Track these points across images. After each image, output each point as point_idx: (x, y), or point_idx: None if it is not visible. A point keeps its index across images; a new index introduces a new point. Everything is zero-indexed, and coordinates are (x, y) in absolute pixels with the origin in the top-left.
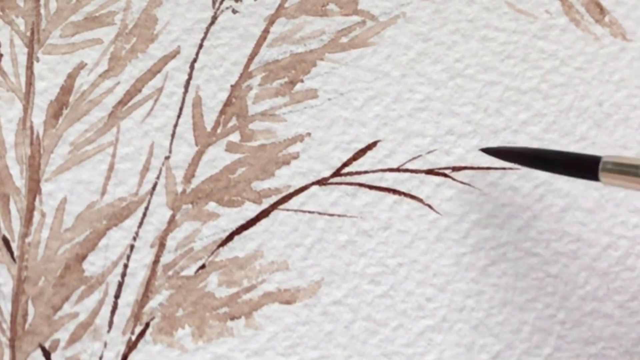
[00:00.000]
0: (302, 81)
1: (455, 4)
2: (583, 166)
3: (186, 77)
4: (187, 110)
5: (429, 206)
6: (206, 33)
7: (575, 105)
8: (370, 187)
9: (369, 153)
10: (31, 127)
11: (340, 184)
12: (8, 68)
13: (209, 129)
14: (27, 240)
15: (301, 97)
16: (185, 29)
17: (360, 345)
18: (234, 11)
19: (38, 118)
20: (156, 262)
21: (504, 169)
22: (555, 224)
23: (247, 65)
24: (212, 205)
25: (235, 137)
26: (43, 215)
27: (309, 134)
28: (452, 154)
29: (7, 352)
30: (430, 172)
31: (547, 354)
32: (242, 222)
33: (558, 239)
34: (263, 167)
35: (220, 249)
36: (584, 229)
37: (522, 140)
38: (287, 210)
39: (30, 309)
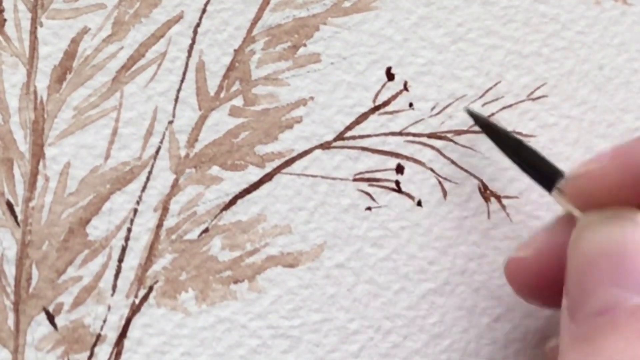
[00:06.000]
0: (305, 45)
1: None
2: (544, 174)
3: (189, 41)
4: (191, 74)
5: (431, 170)
6: None
7: (577, 69)
8: (373, 151)
9: (372, 117)
10: (35, 92)
11: (343, 147)
12: (12, 33)
13: (212, 93)
14: (31, 204)
15: (304, 61)
16: None
17: (362, 308)
18: None
19: (42, 83)
20: (159, 226)
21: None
22: None
23: (250, 30)
24: (215, 169)
25: (238, 102)
26: (47, 179)
27: (312, 98)
28: (455, 117)
29: (11, 316)
30: (432, 135)
31: (547, 316)
32: (245, 186)
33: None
34: (266, 131)
35: (224, 212)
36: None
37: (524, 105)
38: (290, 174)
39: (34, 273)
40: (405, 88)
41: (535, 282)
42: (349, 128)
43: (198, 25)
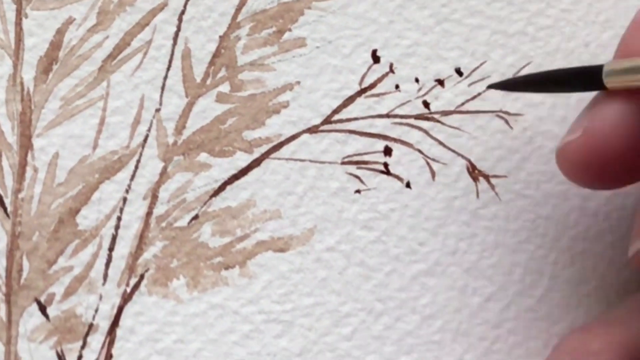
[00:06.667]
0: (290, 30)
1: None
2: (587, 78)
3: (174, 29)
4: (177, 62)
5: (419, 151)
6: None
7: (562, 47)
8: (360, 134)
9: (358, 100)
10: (21, 83)
11: (331, 131)
12: None
13: (198, 80)
14: (20, 195)
15: (289, 46)
16: None
17: (354, 291)
18: None
19: (28, 74)
20: (149, 214)
21: (492, 112)
22: (544, 166)
23: (235, 16)
24: (203, 156)
25: (225, 88)
26: (35, 170)
27: (298, 83)
28: (441, 98)
29: (3, 307)
30: (419, 117)
31: (539, 295)
32: (233, 171)
33: (548, 180)
34: (253, 117)
35: (213, 199)
36: None
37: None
38: (279, 159)
39: (25, 264)
40: (391, 70)
41: (590, 160)
42: (336, 111)
43: (183, 12)
